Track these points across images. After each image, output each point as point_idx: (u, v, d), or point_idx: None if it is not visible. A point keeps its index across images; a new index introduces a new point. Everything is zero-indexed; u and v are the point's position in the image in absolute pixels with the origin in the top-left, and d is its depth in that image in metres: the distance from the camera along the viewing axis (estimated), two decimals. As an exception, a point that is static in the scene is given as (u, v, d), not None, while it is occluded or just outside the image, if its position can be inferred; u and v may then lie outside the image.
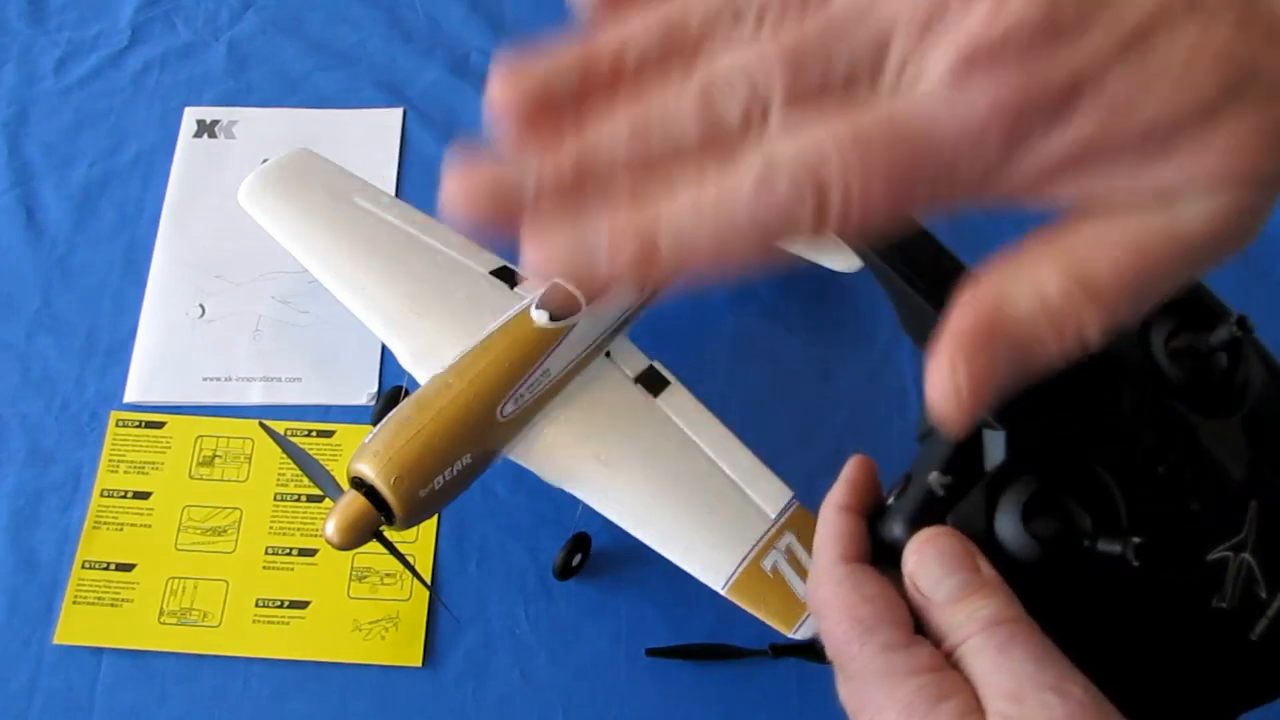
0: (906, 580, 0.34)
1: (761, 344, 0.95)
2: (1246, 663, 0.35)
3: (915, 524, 0.35)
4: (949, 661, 0.32)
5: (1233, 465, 0.36)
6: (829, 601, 0.35)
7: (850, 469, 0.40)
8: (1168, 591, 0.34)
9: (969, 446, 0.35)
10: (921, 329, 0.38)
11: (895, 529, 0.36)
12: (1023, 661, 0.31)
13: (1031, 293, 0.27)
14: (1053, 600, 0.33)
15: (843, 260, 0.91)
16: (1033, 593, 0.33)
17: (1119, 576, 0.33)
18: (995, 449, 0.35)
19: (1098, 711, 0.30)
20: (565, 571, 0.82)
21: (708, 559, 0.71)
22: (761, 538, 0.71)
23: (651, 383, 0.79)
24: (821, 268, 0.92)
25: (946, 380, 0.27)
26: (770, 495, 0.73)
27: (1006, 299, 0.27)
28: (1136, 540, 0.31)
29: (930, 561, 0.34)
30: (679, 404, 0.78)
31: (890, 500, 0.37)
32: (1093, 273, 0.27)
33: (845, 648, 0.34)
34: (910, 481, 0.36)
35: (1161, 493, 0.35)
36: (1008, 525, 0.34)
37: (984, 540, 0.34)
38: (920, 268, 0.39)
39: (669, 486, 0.74)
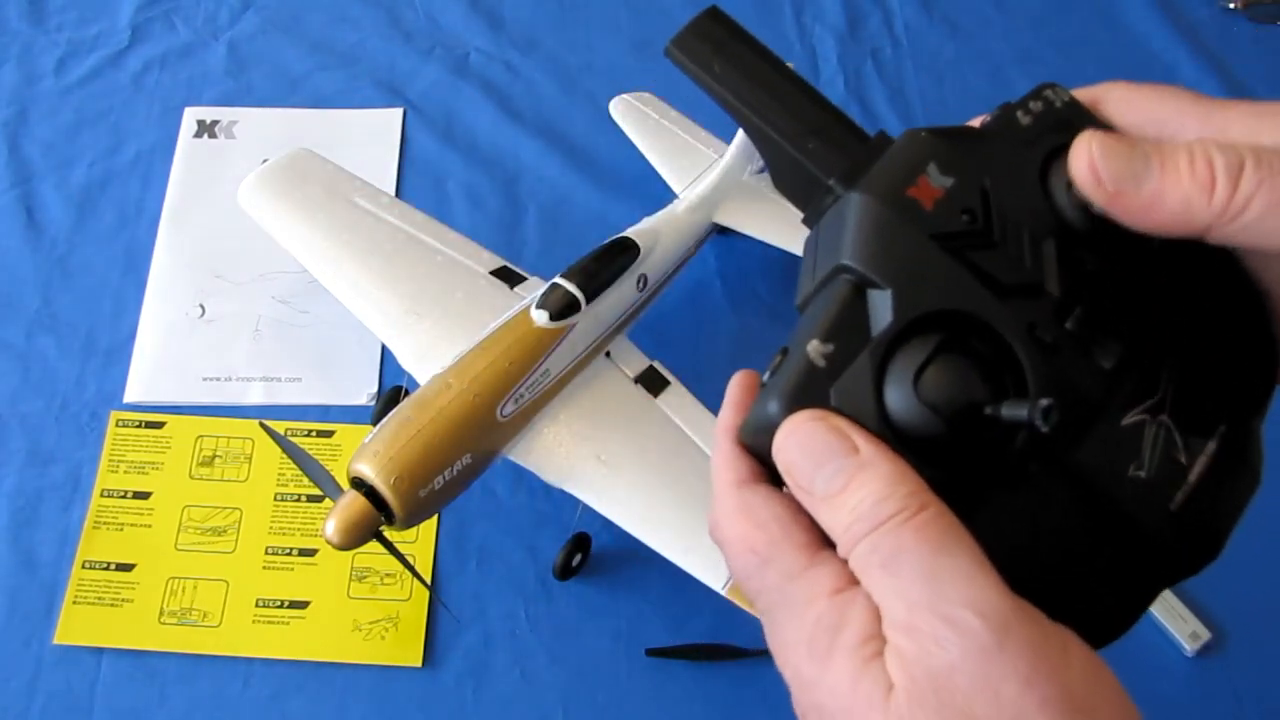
0: (785, 479, 0.31)
1: (761, 344, 0.94)
2: (1165, 536, 0.31)
3: (793, 403, 0.31)
4: (850, 570, 0.29)
5: (1146, 314, 0.32)
6: (726, 536, 0.32)
7: (732, 389, 0.36)
8: (1081, 463, 0.30)
9: (852, 309, 0.31)
10: (792, 180, 0.36)
11: (770, 409, 0.31)
12: (912, 580, 0.27)
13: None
14: (957, 478, 0.30)
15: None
16: (934, 471, 0.29)
17: (1028, 446, 0.30)
18: (882, 310, 0.31)
19: (997, 645, 0.26)
20: (565, 571, 0.82)
21: (708, 559, 0.71)
22: (761, 538, 0.71)
23: (651, 383, 0.79)
24: (821, 268, 0.92)
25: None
26: (770, 495, 0.73)
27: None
28: (1045, 403, 0.28)
29: (797, 454, 0.30)
30: (679, 404, 0.78)
31: (765, 378, 0.33)
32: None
33: (749, 584, 0.32)
34: (786, 355, 0.32)
35: (1070, 351, 0.31)
36: (899, 396, 0.30)
37: (874, 416, 0.30)
38: (789, 117, 0.36)
39: (669, 486, 0.74)
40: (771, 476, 0.32)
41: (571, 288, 0.76)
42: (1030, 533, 0.30)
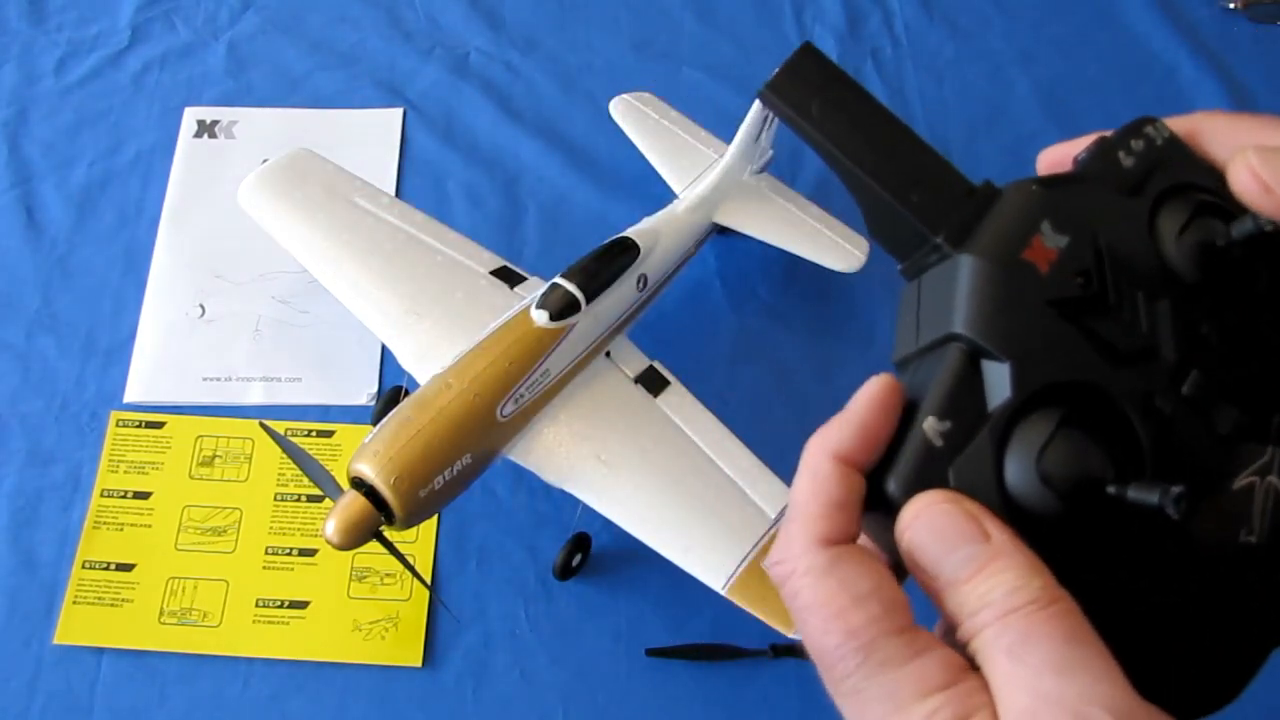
0: (905, 559, 0.29)
1: (761, 344, 0.95)
2: (1276, 601, 0.30)
3: (914, 485, 0.29)
4: (966, 653, 0.28)
5: (1255, 369, 0.31)
6: (811, 603, 0.29)
7: (865, 398, 0.31)
8: (1194, 534, 0.29)
9: (967, 382, 0.30)
10: (891, 230, 0.34)
11: (892, 490, 0.30)
12: (1040, 672, 0.26)
13: None
14: (1079, 558, 0.28)
15: (843, 260, 0.91)
16: (1056, 551, 0.28)
17: (1151, 524, 0.28)
18: (999, 384, 0.29)
19: None
20: (565, 571, 0.82)
21: (708, 559, 0.71)
22: (761, 538, 0.71)
23: (651, 383, 0.79)
24: (821, 268, 0.92)
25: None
26: (770, 495, 0.73)
27: None
28: (1176, 490, 0.26)
29: (926, 537, 0.28)
30: (679, 404, 0.78)
31: (887, 453, 0.31)
32: None
33: (838, 664, 0.29)
34: (906, 429, 0.30)
35: (1188, 420, 0.29)
36: (1020, 475, 0.28)
37: (994, 496, 0.28)
38: (891, 166, 0.33)
39: (669, 486, 0.74)
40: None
41: (571, 288, 0.76)
42: (1143, 604, 0.29)
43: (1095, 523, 0.28)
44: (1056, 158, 0.38)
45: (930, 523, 0.29)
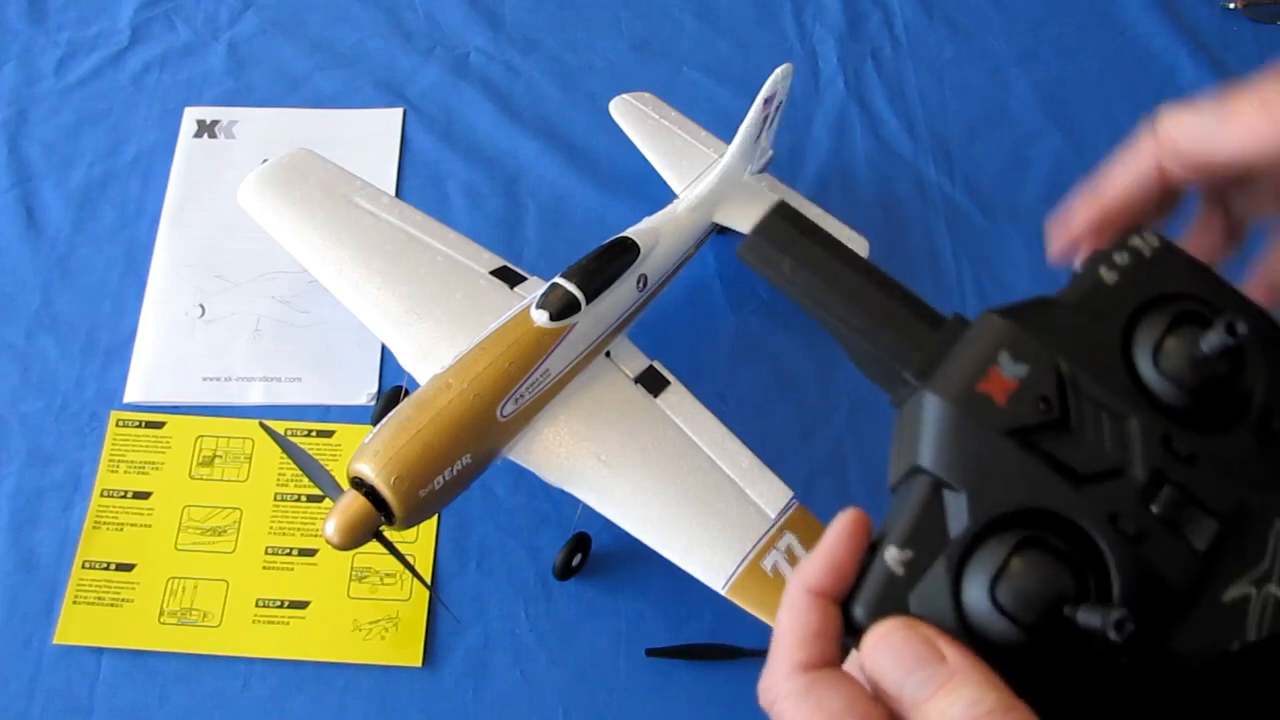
0: (870, 683, 0.31)
1: (761, 344, 0.95)
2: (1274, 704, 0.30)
3: (876, 611, 0.31)
4: None
5: (1246, 484, 0.31)
6: (788, 718, 0.31)
7: (834, 534, 0.33)
8: (1178, 649, 0.29)
9: (931, 513, 0.31)
10: (872, 367, 0.36)
11: (858, 615, 0.31)
12: None
13: None
14: (1043, 682, 0.29)
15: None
16: (1019, 676, 0.29)
17: (1113, 646, 0.28)
18: (958, 513, 0.31)
19: None
20: (565, 571, 0.82)
21: (708, 559, 0.71)
22: (762, 538, 0.71)
23: (651, 383, 0.79)
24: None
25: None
26: (770, 495, 0.73)
27: None
28: (1117, 614, 0.27)
29: (886, 662, 0.30)
30: (679, 404, 0.78)
31: (856, 581, 0.33)
32: None
33: None
34: (873, 556, 0.32)
35: (1158, 538, 0.30)
36: (977, 602, 0.29)
37: (953, 621, 0.30)
38: (862, 311, 0.36)
39: (669, 486, 0.74)
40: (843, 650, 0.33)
41: (571, 288, 0.76)
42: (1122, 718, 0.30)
43: (1059, 643, 0.29)
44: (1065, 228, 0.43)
45: (889, 647, 0.30)
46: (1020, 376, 0.32)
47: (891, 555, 0.31)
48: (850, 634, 0.32)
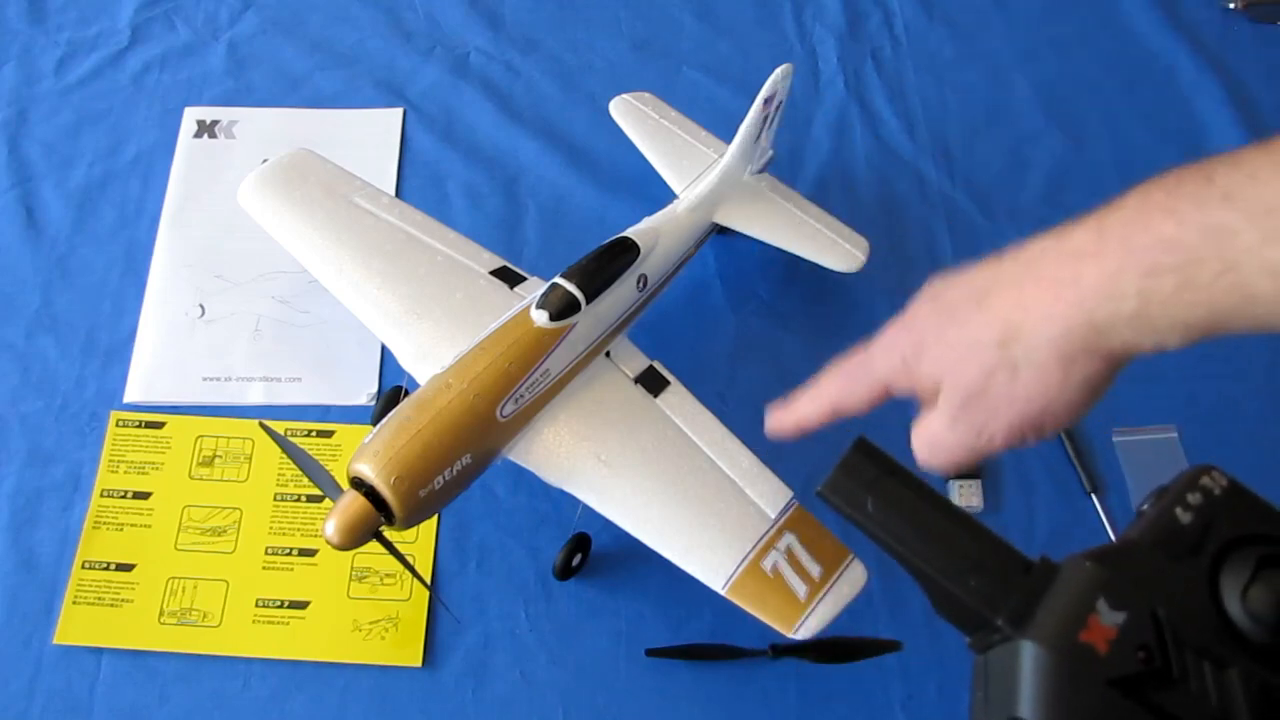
0: None
1: (761, 344, 0.95)
2: None
3: None
4: None
5: None
6: None
7: None
8: None
9: None
10: (954, 610, 0.35)
11: None
12: None
13: None
14: None
15: (843, 260, 0.91)
16: None
17: None
18: None
19: None
20: (565, 571, 0.82)
21: (708, 559, 0.71)
22: (761, 538, 0.71)
23: (651, 383, 0.79)
24: (821, 268, 0.92)
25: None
26: (770, 495, 0.73)
27: None
28: None
29: None
30: (679, 404, 0.78)
31: None
32: None
33: None
34: None
35: None
36: None
37: None
38: (947, 554, 0.35)
39: (669, 487, 0.74)
40: None
41: (571, 288, 0.76)
42: None
43: None
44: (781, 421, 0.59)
45: None
46: (1119, 624, 0.31)
47: None
48: None
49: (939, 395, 0.50)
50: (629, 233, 0.82)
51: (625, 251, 0.81)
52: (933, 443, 0.51)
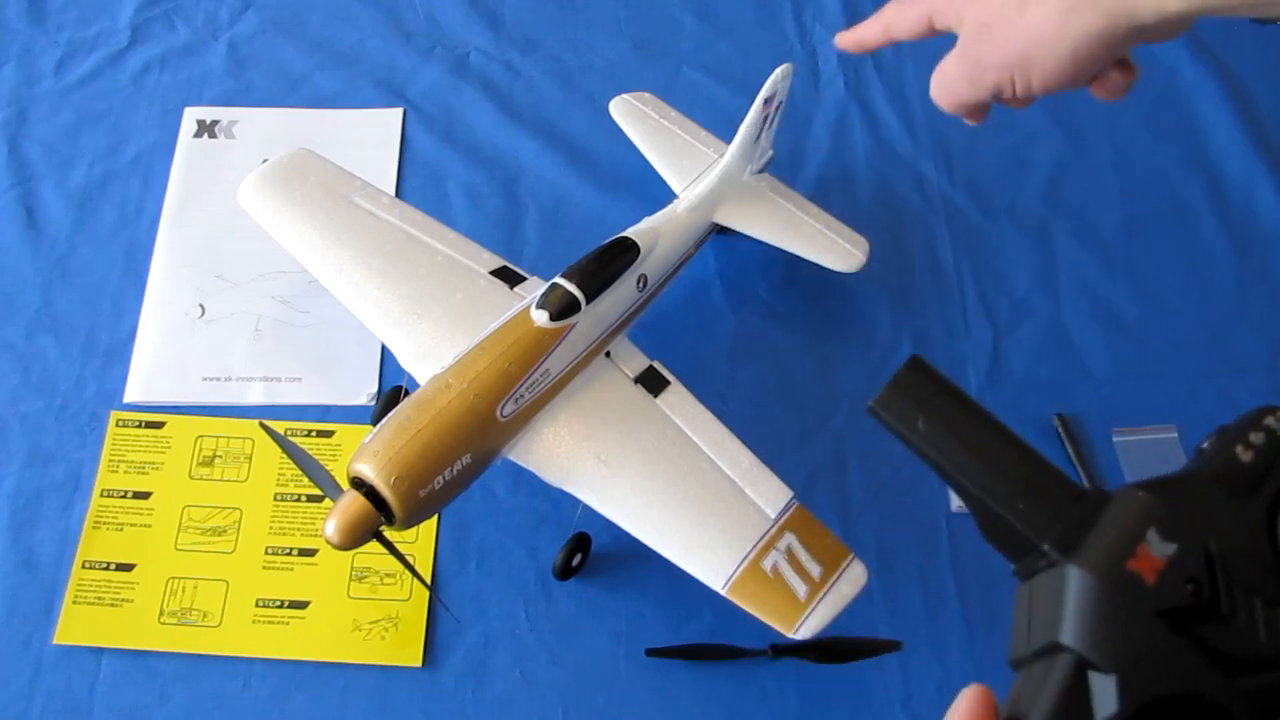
0: None
1: (761, 344, 0.95)
2: None
3: None
4: None
5: None
6: None
7: (960, 715, 0.32)
8: None
9: (1075, 693, 0.30)
10: (1001, 534, 0.35)
11: None
12: None
13: None
14: None
15: (843, 260, 0.91)
16: None
17: None
18: (1105, 696, 0.29)
19: None
20: (565, 572, 0.82)
21: (708, 559, 0.71)
22: (762, 538, 0.71)
23: (651, 383, 0.79)
24: (821, 268, 0.92)
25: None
26: (770, 495, 0.73)
27: None
28: None
29: None
30: (679, 404, 0.78)
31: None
32: None
33: None
34: None
35: None
36: None
37: None
38: (998, 476, 0.34)
39: (669, 487, 0.74)
40: None
41: (571, 288, 0.76)
42: None
43: None
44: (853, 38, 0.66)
45: None
46: (1169, 555, 0.31)
47: None
48: None
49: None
50: (629, 233, 0.82)
51: (625, 251, 0.81)
52: (942, 73, 0.60)
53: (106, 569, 0.83)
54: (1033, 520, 0.33)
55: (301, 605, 0.82)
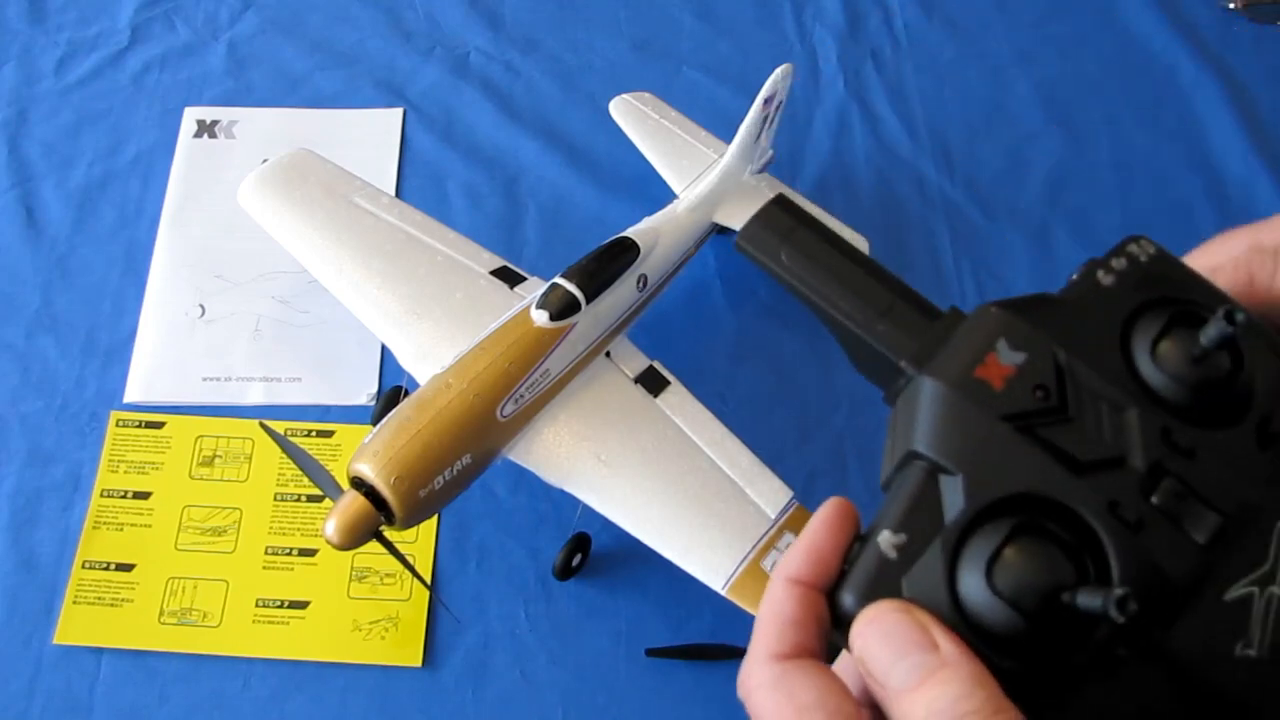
0: (859, 667, 0.30)
1: (761, 344, 0.95)
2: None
3: (867, 595, 0.30)
4: None
5: (1246, 483, 0.30)
6: (762, 715, 0.31)
7: (818, 522, 0.32)
8: (1177, 647, 0.29)
9: (926, 498, 0.30)
10: (867, 361, 0.35)
11: (846, 602, 0.30)
12: None
13: None
14: (1040, 668, 0.28)
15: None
16: (1014, 662, 0.28)
17: (1113, 634, 0.28)
18: (954, 497, 0.30)
19: None
20: (565, 571, 0.82)
21: (708, 559, 0.71)
22: (761, 538, 0.71)
23: (651, 383, 0.79)
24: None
25: None
26: (770, 495, 0.73)
27: None
28: (1119, 592, 0.26)
29: (876, 644, 0.29)
30: (679, 404, 0.78)
31: (844, 568, 0.32)
32: None
33: None
34: (864, 544, 0.31)
35: (1158, 527, 0.29)
36: (972, 587, 0.29)
37: (947, 607, 0.29)
38: (857, 301, 0.35)
39: (669, 486, 0.74)
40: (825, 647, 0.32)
41: (571, 288, 0.76)
42: None
43: (1060, 637, 0.28)
44: None
45: (880, 630, 0.29)
46: (1018, 363, 0.31)
47: (885, 539, 0.30)
48: (838, 626, 0.31)
49: None
50: (629, 233, 0.82)
51: (625, 251, 0.81)
52: None
53: (106, 569, 0.83)
54: (891, 340, 0.34)
55: (301, 605, 0.82)
